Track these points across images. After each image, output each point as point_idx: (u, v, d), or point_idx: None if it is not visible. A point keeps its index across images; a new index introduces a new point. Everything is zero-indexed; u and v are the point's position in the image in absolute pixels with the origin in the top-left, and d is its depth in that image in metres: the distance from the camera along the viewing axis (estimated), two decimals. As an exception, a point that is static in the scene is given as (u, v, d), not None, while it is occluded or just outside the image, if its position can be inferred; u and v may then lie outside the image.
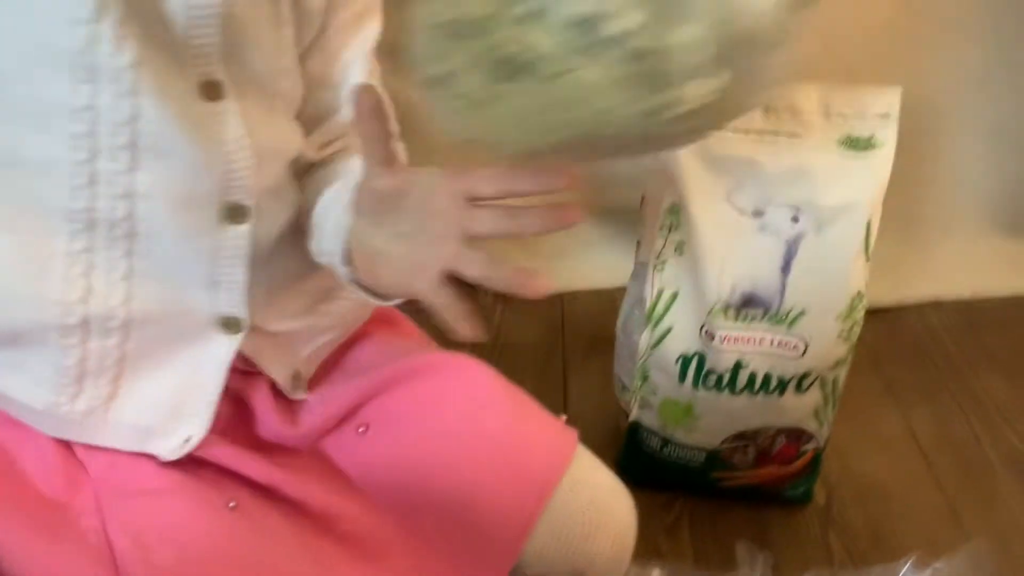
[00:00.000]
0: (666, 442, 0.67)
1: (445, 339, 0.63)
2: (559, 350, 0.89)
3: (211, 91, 0.46)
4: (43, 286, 0.47)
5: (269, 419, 0.55)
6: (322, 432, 0.55)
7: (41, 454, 0.51)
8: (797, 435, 0.66)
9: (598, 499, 0.54)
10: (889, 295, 0.92)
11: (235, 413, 0.55)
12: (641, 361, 0.66)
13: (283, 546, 0.50)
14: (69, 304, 0.47)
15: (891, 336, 0.90)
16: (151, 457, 0.51)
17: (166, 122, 0.45)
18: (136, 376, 0.51)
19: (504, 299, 0.96)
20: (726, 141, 0.59)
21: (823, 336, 0.61)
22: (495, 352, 0.87)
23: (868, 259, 0.60)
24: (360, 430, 0.54)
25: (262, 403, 0.55)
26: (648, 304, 0.64)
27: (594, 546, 0.53)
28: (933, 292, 0.96)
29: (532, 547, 0.52)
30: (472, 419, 0.54)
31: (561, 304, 0.96)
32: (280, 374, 0.54)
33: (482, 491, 0.52)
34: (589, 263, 0.98)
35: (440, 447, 0.54)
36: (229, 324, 0.51)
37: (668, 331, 0.64)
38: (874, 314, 0.63)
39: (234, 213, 0.48)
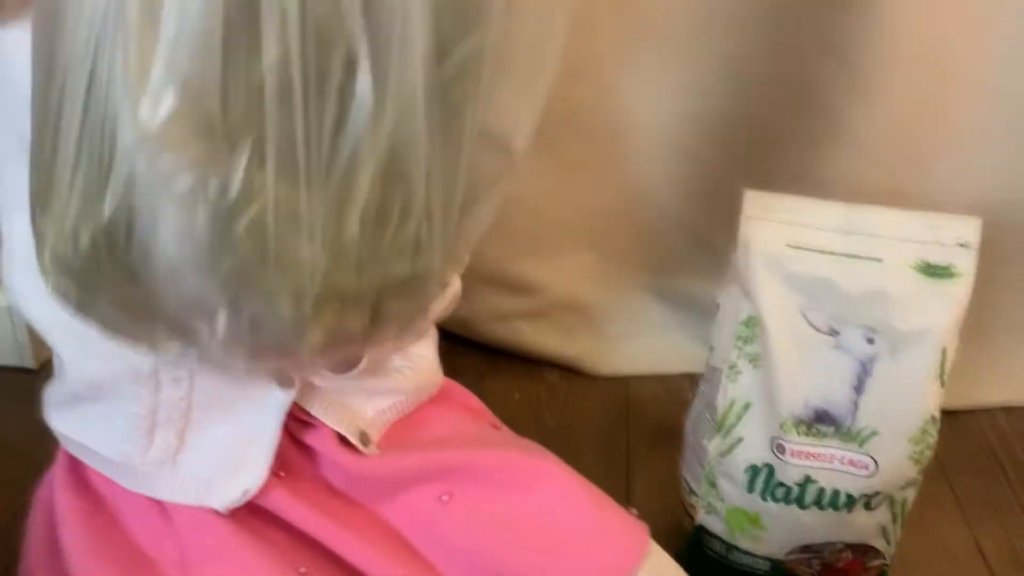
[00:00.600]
0: (731, 548, 0.68)
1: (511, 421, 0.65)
2: (624, 436, 0.90)
3: None
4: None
5: (336, 469, 0.57)
6: (393, 489, 0.58)
7: (138, 508, 0.55)
8: (864, 551, 0.66)
9: None
10: (959, 399, 0.91)
11: (303, 465, 0.57)
12: (709, 468, 0.67)
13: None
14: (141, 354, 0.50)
15: (959, 441, 0.89)
16: (229, 516, 0.54)
17: None
18: (200, 427, 0.54)
19: (570, 379, 0.98)
20: (803, 259, 0.61)
21: (894, 457, 0.61)
22: (560, 433, 0.89)
23: (943, 384, 0.60)
24: (443, 498, 0.56)
25: (329, 453, 0.57)
26: (720, 412, 0.65)
27: None
28: (1005, 397, 0.95)
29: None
30: (548, 509, 0.57)
31: (627, 388, 0.97)
32: (346, 430, 0.57)
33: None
34: (656, 348, 0.99)
35: (519, 531, 0.56)
36: (282, 377, 0.54)
37: (739, 441, 0.65)
38: (943, 416, 0.63)
39: None
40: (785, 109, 0.88)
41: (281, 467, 0.55)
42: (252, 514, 0.55)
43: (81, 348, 0.52)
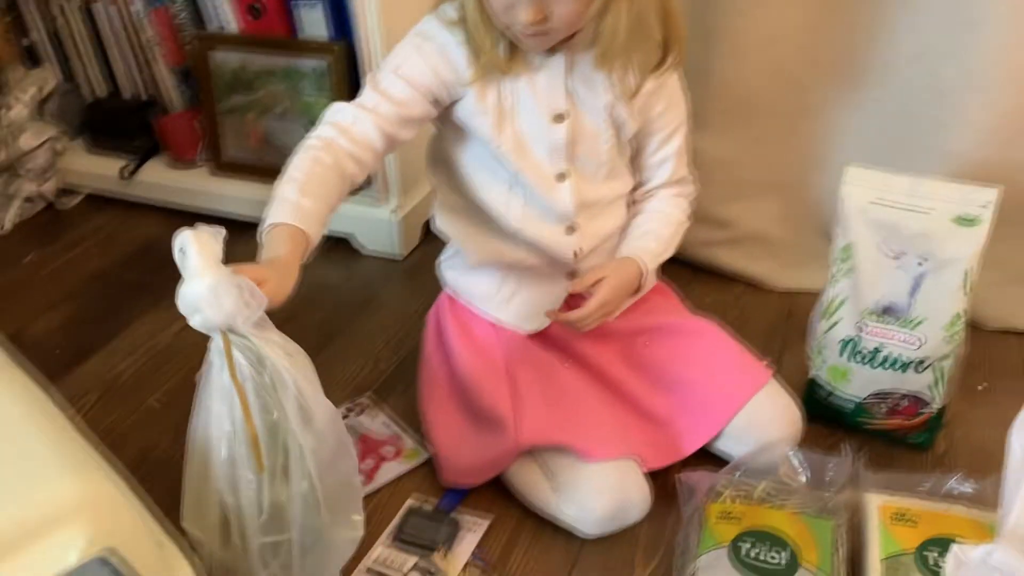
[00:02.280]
0: (830, 393, 1.06)
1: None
2: (783, 330, 1.28)
3: (562, 177, 0.95)
4: (500, 247, 1.01)
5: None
6: (620, 336, 1.03)
7: (480, 325, 1.05)
8: (916, 400, 1.01)
9: (781, 405, 0.98)
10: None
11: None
12: (819, 340, 1.06)
13: (593, 395, 0.99)
14: (506, 255, 1.01)
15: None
16: (529, 336, 1.02)
17: (537, 190, 0.95)
18: (523, 291, 1.02)
19: (752, 291, 1.37)
20: (881, 210, 0.97)
21: (935, 337, 0.97)
22: (737, 325, 1.28)
23: (967, 293, 0.95)
24: (646, 343, 1.02)
25: None
26: (825, 304, 1.04)
27: (772, 430, 0.97)
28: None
29: (736, 423, 0.97)
30: (712, 350, 1.01)
31: (792, 300, 1.34)
32: None
33: (712, 387, 0.98)
34: (818, 272, 1.34)
35: (693, 361, 1.01)
36: (570, 275, 1.01)
37: (836, 323, 1.03)
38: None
39: (569, 229, 0.98)
40: (922, 97, 1.20)
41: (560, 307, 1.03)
42: (540, 336, 1.03)
43: (472, 246, 1.03)
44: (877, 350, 1.00)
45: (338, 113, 0.91)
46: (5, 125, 1.60)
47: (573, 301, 1.03)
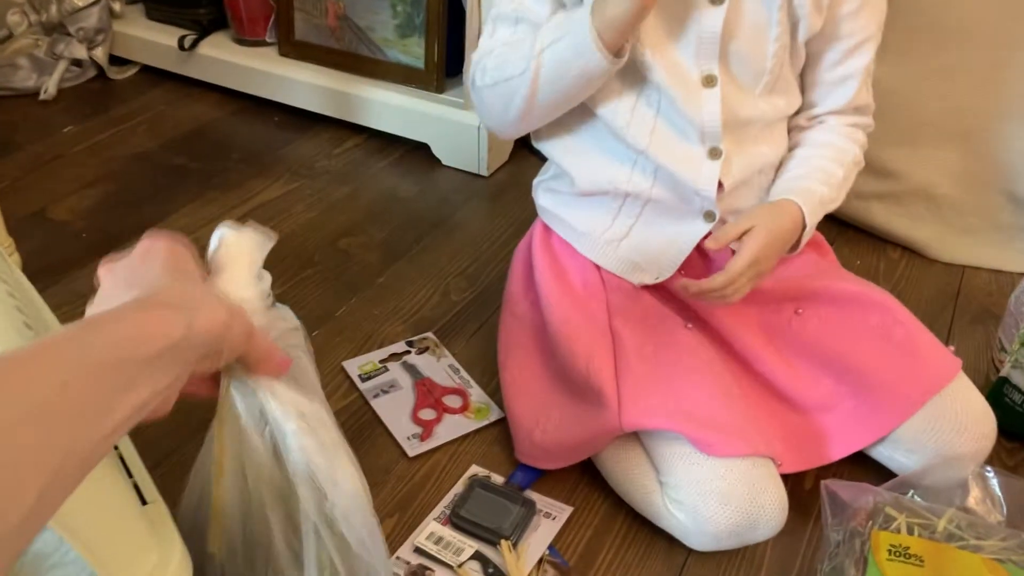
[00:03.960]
0: (1027, 400, 0.82)
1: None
2: (950, 311, 1.03)
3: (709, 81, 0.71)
4: (616, 172, 0.77)
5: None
6: (768, 299, 0.80)
7: (581, 268, 0.83)
8: None
9: (971, 410, 0.74)
10: None
11: (704, 266, 0.81)
12: (1021, 332, 0.81)
13: (722, 370, 0.76)
14: (623, 182, 0.77)
15: None
16: (640, 287, 0.79)
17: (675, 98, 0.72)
18: (643, 230, 0.79)
19: (910, 258, 1.12)
20: None
21: None
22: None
23: None
24: (798, 311, 0.78)
25: (724, 263, 0.79)
26: (1041, 286, 0.78)
27: (958, 441, 0.73)
28: None
29: (910, 426, 0.73)
30: (884, 328, 0.76)
31: (961, 275, 1.09)
32: None
33: (884, 373, 0.74)
34: (997, 245, 1.09)
35: (856, 339, 0.77)
36: (708, 215, 0.77)
37: (1054, 311, 0.78)
38: None
39: (713, 152, 0.73)
40: None
41: (684, 266, 0.79)
42: (657, 287, 0.81)
43: (580, 168, 0.80)
44: (1110, 353, 0.75)
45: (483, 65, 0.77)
46: (58, -22, 1.41)
47: (708, 261, 0.81)
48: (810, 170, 0.79)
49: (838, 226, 1.15)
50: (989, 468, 0.71)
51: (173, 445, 0.76)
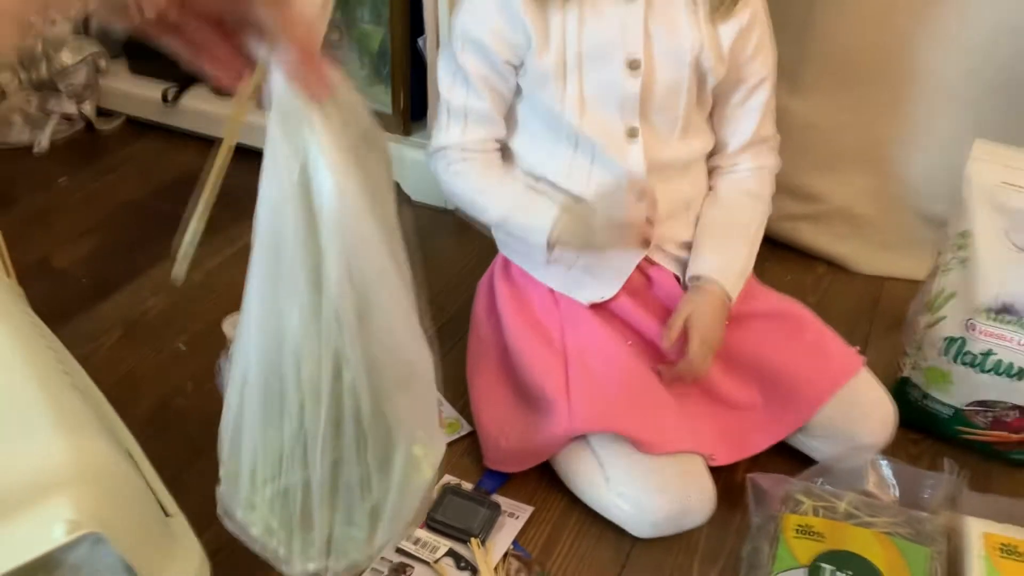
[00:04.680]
0: (926, 396, 0.94)
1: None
2: (869, 320, 1.16)
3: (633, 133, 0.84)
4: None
5: (664, 292, 0.92)
6: None
7: (538, 294, 0.94)
8: (1027, 413, 0.89)
9: (875, 398, 0.87)
10: None
11: (643, 285, 0.93)
12: (918, 336, 0.93)
13: (652, 371, 0.88)
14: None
15: None
16: (590, 307, 0.91)
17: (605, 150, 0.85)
18: (588, 256, 0.91)
19: (835, 272, 1.25)
20: (1013, 194, 0.84)
21: (1059, 346, 0.84)
22: (817, 310, 1.16)
23: (1106, 298, 0.82)
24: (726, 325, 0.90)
25: (664, 282, 0.91)
26: (931, 296, 0.91)
27: (864, 428, 0.86)
28: None
29: (822, 416, 0.86)
30: (797, 334, 0.89)
31: (881, 286, 1.22)
32: (679, 272, 0.92)
33: (797, 372, 0.87)
34: (911, 258, 1.21)
35: (774, 345, 0.89)
36: (643, 243, 0.89)
37: (942, 318, 0.90)
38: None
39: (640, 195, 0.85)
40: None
41: (627, 285, 0.91)
42: (604, 308, 0.92)
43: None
44: (988, 353, 0.88)
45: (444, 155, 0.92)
46: (47, 39, 1.51)
47: (649, 280, 0.93)
48: (727, 243, 0.92)
49: (770, 246, 1.26)
50: (883, 457, 0.83)
51: (182, 463, 0.87)
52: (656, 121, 0.87)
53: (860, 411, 0.87)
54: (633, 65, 0.84)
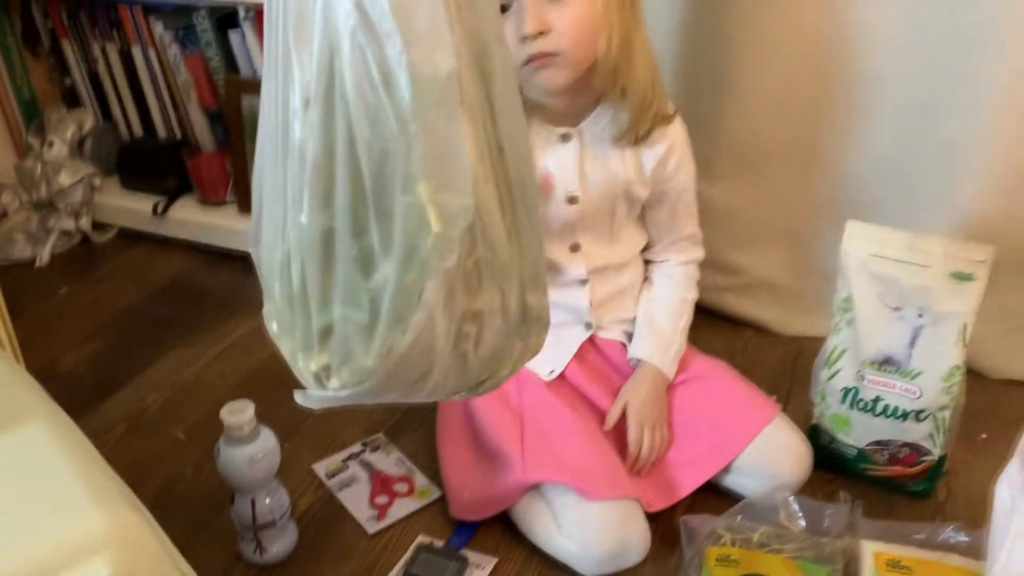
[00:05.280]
0: (833, 439, 1.08)
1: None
2: (790, 375, 1.31)
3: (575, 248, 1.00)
4: None
5: (609, 359, 1.07)
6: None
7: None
8: (917, 449, 1.03)
9: (792, 440, 1.02)
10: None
11: (596, 354, 1.08)
12: (821, 388, 1.08)
13: (600, 438, 1.02)
14: None
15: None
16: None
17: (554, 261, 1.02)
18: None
19: (760, 335, 1.40)
20: (881, 264, 1.00)
21: (933, 388, 0.99)
22: (745, 369, 1.31)
23: (964, 346, 0.97)
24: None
25: (610, 352, 1.07)
26: (828, 353, 1.06)
27: (783, 465, 1.00)
28: None
29: (746, 456, 1.01)
30: (720, 390, 1.04)
31: (800, 345, 1.37)
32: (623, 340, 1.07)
33: (721, 421, 1.02)
34: (826, 318, 1.36)
35: (700, 400, 1.04)
36: (587, 324, 1.04)
37: (838, 372, 1.05)
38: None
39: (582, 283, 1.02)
40: (928, 149, 1.23)
41: (577, 355, 1.06)
42: (556, 379, 1.07)
43: None
44: (877, 399, 1.02)
45: None
46: (46, 162, 1.67)
47: (598, 351, 1.08)
48: (662, 330, 1.09)
49: (703, 315, 1.42)
50: (791, 495, 0.97)
51: (189, 538, 0.99)
52: (593, 235, 1.05)
53: (779, 451, 1.02)
54: (571, 200, 1.02)
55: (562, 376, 1.07)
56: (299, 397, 0.58)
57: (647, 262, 1.14)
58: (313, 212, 0.49)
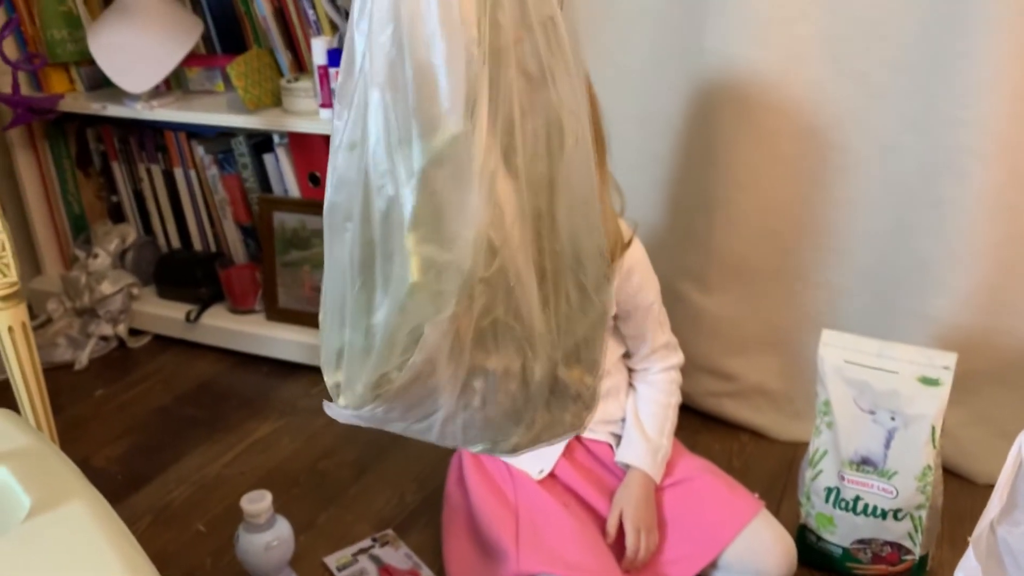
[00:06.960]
0: (819, 538, 1.14)
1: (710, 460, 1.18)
2: (783, 480, 1.36)
3: None
4: None
5: (595, 456, 1.14)
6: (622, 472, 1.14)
7: (496, 467, 1.15)
8: (898, 548, 1.08)
9: (776, 535, 1.07)
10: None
11: (585, 451, 1.14)
12: (806, 488, 1.14)
13: (590, 533, 1.08)
14: None
15: None
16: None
17: None
18: None
19: (756, 440, 1.46)
20: (854, 370, 1.08)
21: (907, 488, 1.05)
22: (740, 473, 1.37)
23: (935, 447, 1.04)
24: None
25: (598, 450, 1.14)
26: (810, 455, 1.13)
27: (769, 560, 1.05)
28: None
29: (732, 552, 1.06)
30: (706, 490, 1.10)
31: (795, 450, 1.43)
32: (610, 441, 1.14)
33: (706, 517, 1.07)
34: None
35: (683, 501, 1.10)
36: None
37: (820, 472, 1.12)
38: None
39: None
40: (903, 265, 1.32)
41: (568, 455, 1.13)
42: (549, 474, 1.14)
43: None
44: (857, 499, 1.08)
45: None
46: (90, 272, 1.81)
47: (586, 448, 1.15)
48: (649, 436, 1.15)
49: (701, 419, 1.50)
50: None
51: (194, 566, 1.05)
52: None
53: (763, 547, 1.07)
54: None
55: (553, 475, 1.14)
56: (326, 407, 0.61)
57: (630, 370, 1.21)
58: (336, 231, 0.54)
